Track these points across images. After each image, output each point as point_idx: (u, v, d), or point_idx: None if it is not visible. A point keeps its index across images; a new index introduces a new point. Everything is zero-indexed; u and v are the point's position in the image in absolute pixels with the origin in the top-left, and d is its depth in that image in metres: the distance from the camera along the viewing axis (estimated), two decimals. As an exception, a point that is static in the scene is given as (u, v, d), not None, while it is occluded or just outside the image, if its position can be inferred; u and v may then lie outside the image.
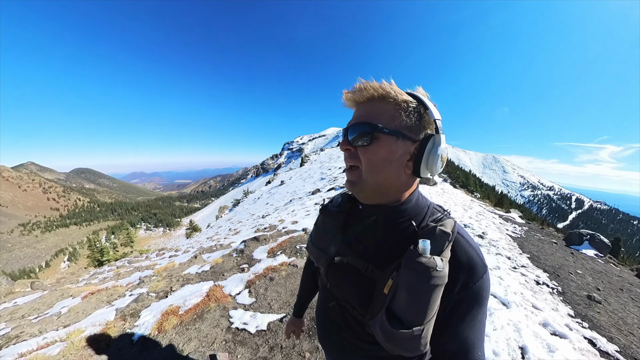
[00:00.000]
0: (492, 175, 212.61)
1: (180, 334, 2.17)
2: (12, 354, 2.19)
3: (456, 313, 0.49)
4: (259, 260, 3.77)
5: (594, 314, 2.66)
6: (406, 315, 0.46)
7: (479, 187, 21.23)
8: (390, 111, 0.49)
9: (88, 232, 75.69)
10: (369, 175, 0.52)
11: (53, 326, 2.81)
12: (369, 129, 0.49)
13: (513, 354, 1.92)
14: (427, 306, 0.44)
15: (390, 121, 0.49)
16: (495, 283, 3.04)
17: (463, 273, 0.48)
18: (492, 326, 2.24)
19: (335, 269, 0.63)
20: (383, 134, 0.49)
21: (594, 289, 3.33)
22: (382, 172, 0.51)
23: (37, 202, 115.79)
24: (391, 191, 0.54)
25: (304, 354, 1.88)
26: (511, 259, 3.98)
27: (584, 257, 4.98)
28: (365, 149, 0.51)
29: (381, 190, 0.54)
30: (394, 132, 0.49)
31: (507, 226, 6.57)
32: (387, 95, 0.49)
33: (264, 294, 2.73)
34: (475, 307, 0.49)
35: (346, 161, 0.56)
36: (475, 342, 0.49)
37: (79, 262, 52.72)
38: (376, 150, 0.50)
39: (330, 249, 0.65)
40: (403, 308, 0.46)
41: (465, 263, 0.49)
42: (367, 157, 0.51)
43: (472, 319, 0.49)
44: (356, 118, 0.53)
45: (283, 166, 73.60)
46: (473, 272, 0.49)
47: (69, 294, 4.08)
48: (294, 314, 1.05)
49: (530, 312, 2.51)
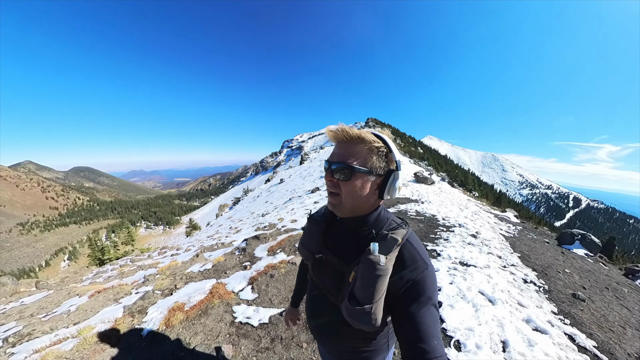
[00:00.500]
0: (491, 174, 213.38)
1: (187, 328, 2.29)
2: (26, 351, 2.29)
3: (406, 303, 0.63)
4: (260, 258, 3.89)
5: (577, 311, 2.75)
6: (361, 296, 0.64)
7: (478, 186, 21.39)
8: (365, 154, 0.67)
9: (88, 231, 75.73)
10: (347, 201, 0.70)
11: (63, 324, 2.90)
12: (349, 168, 0.66)
13: (495, 347, 2.04)
14: (374, 290, 0.62)
15: (364, 162, 0.66)
16: (484, 281, 3.14)
17: (407, 269, 0.66)
18: (477, 321, 2.35)
19: (318, 264, 0.83)
20: (360, 172, 0.66)
21: (579, 288, 3.41)
22: (357, 199, 0.69)
23: (36, 201, 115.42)
24: (362, 210, 0.73)
25: (301, 344, 2.03)
26: (502, 258, 4.07)
27: (574, 256, 5.05)
28: (345, 182, 0.68)
29: (354, 210, 0.73)
30: (367, 172, 0.66)
31: (502, 225, 6.66)
32: (363, 141, 0.67)
33: (266, 290, 2.86)
34: (421, 298, 0.63)
35: (328, 188, 0.73)
36: (428, 330, 0.61)
37: (79, 261, 52.84)
38: (353, 184, 0.67)
39: (314, 249, 0.85)
40: (359, 292, 0.64)
41: (409, 261, 0.66)
42: (347, 188, 0.68)
43: (420, 307, 0.62)
44: (338, 156, 0.69)
45: (282, 164, 73.47)
46: (415, 269, 0.65)
47: (75, 293, 4.17)
48: (291, 304, 1.23)
49: (515, 309, 2.61)
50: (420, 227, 5.32)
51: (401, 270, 0.65)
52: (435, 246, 4.29)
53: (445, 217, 6.19)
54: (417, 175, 12.56)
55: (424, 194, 9.54)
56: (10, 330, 2.94)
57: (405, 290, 0.64)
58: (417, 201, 8.10)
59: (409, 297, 0.63)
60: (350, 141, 0.68)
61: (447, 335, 2.17)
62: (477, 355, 1.94)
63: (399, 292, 0.65)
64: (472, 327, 2.26)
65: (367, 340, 0.81)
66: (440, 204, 8.13)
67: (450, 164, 30.48)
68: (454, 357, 1.94)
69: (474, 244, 4.56)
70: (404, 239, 0.68)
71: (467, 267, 3.56)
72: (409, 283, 0.64)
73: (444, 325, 2.29)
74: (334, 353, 0.93)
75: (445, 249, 4.18)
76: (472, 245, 4.48)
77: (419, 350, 0.59)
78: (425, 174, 12.78)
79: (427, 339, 0.60)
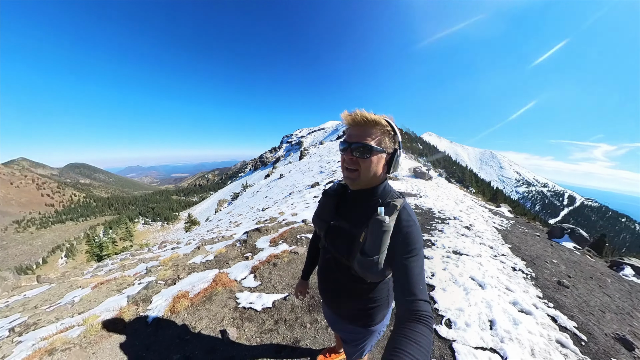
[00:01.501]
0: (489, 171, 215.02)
1: (192, 314, 2.37)
2: (33, 338, 2.36)
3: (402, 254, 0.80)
4: (262, 249, 3.97)
5: (561, 296, 2.91)
6: (370, 250, 0.83)
7: (475, 183, 21.63)
8: (379, 135, 0.83)
9: (85, 228, 75.27)
10: (365, 175, 0.86)
11: (68, 314, 2.96)
12: (368, 147, 0.81)
13: (482, 325, 2.19)
14: (381, 243, 0.81)
15: (379, 142, 0.83)
16: (475, 268, 3.30)
17: (403, 228, 0.83)
18: (467, 303, 2.49)
19: (331, 230, 1.01)
20: (376, 151, 0.81)
21: (565, 276, 3.57)
22: (372, 174, 0.86)
23: (31, 198, 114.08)
24: (373, 183, 0.90)
25: (305, 325, 2.13)
26: (493, 248, 4.22)
27: (562, 248, 5.21)
28: (363, 160, 0.83)
29: (368, 183, 0.90)
30: (382, 151, 0.83)
31: (495, 219, 6.82)
32: (378, 124, 0.82)
33: (269, 278, 2.96)
34: (413, 249, 0.80)
35: (347, 165, 0.87)
36: (417, 276, 0.76)
37: (77, 258, 52.61)
38: (370, 160, 0.83)
39: (328, 218, 1.02)
40: (369, 247, 0.83)
41: (404, 222, 0.84)
42: (365, 165, 0.84)
43: (411, 257, 0.79)
44: (357, 137, 0.83)
45: (282, 159, 73.17)
46: (408, 227, 0.83)
47: (78, 285, 4.22)
48: (301, 277, 1.39)
49: (503, 293, 2.76)
50: (417, 219, 5.50)
51: (399, 229, 0.82)
52: (430, 236, 4.42)
53: (441, 211, 6.33)
54: (415, 171, 12.72)
55: (422, 188, 9.69)
56: (15, 321, 2.99)
57: (401, 244, 0.81)
58: (415, 195, 8.26)
59: (403, 249, 0.80)
60: (367, 124, 0.83)
61: (439, 315, 2.30)
62: (465, 332, 2.08)
63: (396, 246, 0.81)
64: (462, 308, 2.40)
65: (372, 298, 1.00)
66: (437, 198, 8.29)
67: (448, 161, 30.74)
68: (445, 333, 2.06)
69: (467, 235, 4.70)
70: (401, 205, 0.85)
71: (459, 255, 3.69)
72: (403, 238, 0.81)
73: (436, 306, 2.42)
74: (342, 313, 1.10)
75: (440, 239, 4.31)
76: (466, 237, 4.62)
77: (408, 292, 0.74)
78: (423, 170, 12.94)
79: (415, 283, 0.75)
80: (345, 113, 0.85)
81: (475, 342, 1.97)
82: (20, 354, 2.08)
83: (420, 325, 0.66)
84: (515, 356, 1.84)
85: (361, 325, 1.06)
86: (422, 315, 0.69)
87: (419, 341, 0.62)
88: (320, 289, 1.15)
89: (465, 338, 2.01)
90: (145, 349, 2.02)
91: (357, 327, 1.08)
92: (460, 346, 1.93)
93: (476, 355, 1.84)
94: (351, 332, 1.12)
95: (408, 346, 0.61)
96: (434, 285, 2.81)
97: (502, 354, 1.87)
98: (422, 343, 0.62)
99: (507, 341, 2.01)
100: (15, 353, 2.12)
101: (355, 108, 0.85)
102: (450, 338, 2.01)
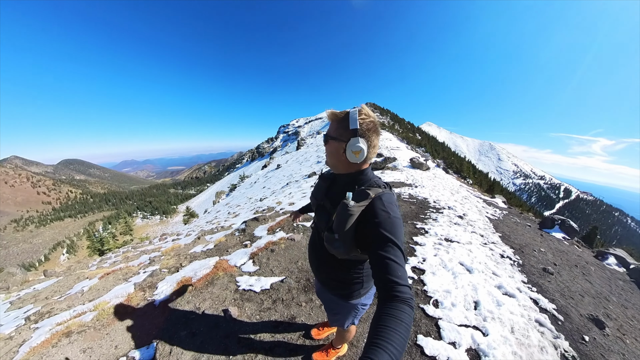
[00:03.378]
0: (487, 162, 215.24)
1: (196, 296, 2.54)
2: (49, 324, 2.51)
3: (373, 237, 0.85)
4: (260, 237, 4.12)
5: (545, 282, 3.05)
6: (334, 227, 0.96)
7: (472, 174, 21.74)
8: (335, 126, 1.00)
9: (84, 224, 75.27)
10: (328, 159, 1.07)
11: (79, 301, 3.12)
12: (326, 136, 1.02)
13: (468, 305, 2.35)
14: (343, 224, 0.91)
15: (334, 131, 0.99)
16: (465, 254, 3.44)
17: (373, 218, 0.87)
18: (455, 286, 2.65)
19: (318, 209, 1.17)
20: (331, 138, 1.00)
21: (551, 264, 3.70)
22: (333, 158, 1.04)
23: (27, 197, 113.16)
24: (341, 168, 1.05)
25: (300, 303, 2.31)
26: (484, 237, 4.36)
27: (552, 238, 5.33)
28: (325, 146, 1.05)
29: (336, 167, 1.07)
30: (334, 138, 0.99)
31: (488, 209, 6.93)
32: (335, 117, 0.99)
33: (267, 263, 3.12)
34: (382, 234, 0.83)
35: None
36: (393, 264, 0.77)
37: (78, 254, 52.90)
38: (328, 147, 1.03)
39: (319, 198, 1.18)
40: (334, 225, 0.96)
41: (375, 211, 0.88)
42: (326, 150, 1.06)
43: (382, 242, 0.82)
44: (326, 130, 1.05)
45: (279, 150, 72.65)
46: (378, 217, 0.86)
47: (85, 277, 4.35)
48: (297, 210, 1.69)
49: (489, 277, 2.90)
50: (412, 208, 5.59)
51: (369, 218, 0.88)
52: (424, 225, 4.57)
53: (436, 200, 6.46)
54: (412, 161, 12.82)
55: (418, 178, 9.79)
56: (30, 310, 3.14)
57: (373, 233, 0.85)
58: (411, 185, 8.37)
59: (377, 239, 0.83)
60: (332, 119, 1.01)
61: (428, 296, 2.46)
62: (451, 311, 2.24)
63: (370, 234, 0.86)
64: (449, 290, 2.55)
65: (347, 272, 1.14)
66: (433, 188, 8.39)
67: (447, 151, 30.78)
68: (432, 312, 2.23)
69: (460, 224, 4.84)
70: (377, 195, 0.90)
71: (451, 242, 3.83)
72: (375, 227, 0.85)
73: (425, 288, 2.58)
74: (324, 281, 1.26)
75: (433, 227, 4.46)
76: (458, 225, 4.76)
77: (387, 280, 0.75)
78: (421, 160, 13.03)
79: (393, 271, 0.76)
80: (326, 111, 1.02)
81: (460, 321, 2.13)
82: (40, 337, 2.24)
83: (401, 304, 0.69)
84: (496, 333, 2.00)
85: (339, 296, 1.21)
86: (404, 297, 0.72)
87: (401, 317, 0.66)
88: (309, 258, 1.36)
89: (450, 317, 2.16)
90: (154, 328, 2.19)
91: (336, 298, 1.23)
92: (446, 324, 2.08)
93: (459, 331, 1.99)
94: (331, 302, 1.29)
95: (390, 321, 0.65)
96: (424, 270, 2.94)
97: (483, 331, 2.03)
98: (403, 319, 0.66)
99: (489, 320, 2.16)
100: (34, 337, 2.28)
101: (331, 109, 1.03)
102: (437, 316, 2.16)
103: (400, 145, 20.41)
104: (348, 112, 0.95)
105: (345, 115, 0.96)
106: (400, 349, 0.61)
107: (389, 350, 0.60)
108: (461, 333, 1.99)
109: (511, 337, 2.00)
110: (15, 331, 2.49)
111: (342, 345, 1.73)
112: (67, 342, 2.10)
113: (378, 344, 0.61)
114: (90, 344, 2.08)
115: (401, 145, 21.38)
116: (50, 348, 2.05)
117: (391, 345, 0.61)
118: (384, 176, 9.92)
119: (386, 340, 0.62)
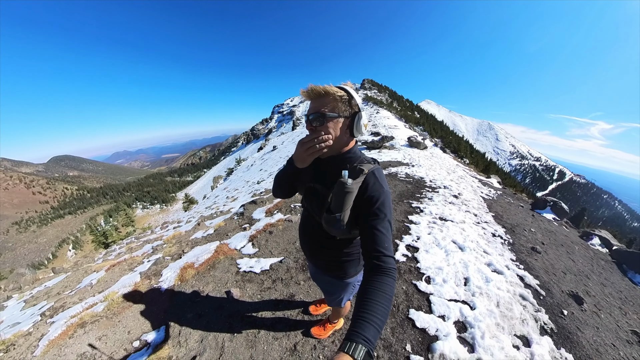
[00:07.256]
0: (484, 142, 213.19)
1: (199, 280, 2.66)
2: (64, 317, 2.62)
3: (366, 216, 0.88)
4: (258, 220, 4.21)
5: (532, 260, 3.18)
6: (334, 208, 0.93)
7: (470, 153, 21.60)
8: (331, 102, 0.90)
9: (85, 219, 75.50)
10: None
11: (90, 294, 3.24)
12: (322, 115, 0.89)
13: (458, 282, 2.47)
14: (343, 203, 0.90)
15: (332, 108, 0.90)
16: (458, 233, 3.54)
17: (368, 192, 0.90)
18: (446, 263, 2.76)
19: (308, 192, 1.12)
20: (330, 117, 0.89)
21: (539, 243, 3.80)
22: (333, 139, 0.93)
23: (23, 198, 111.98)
24: (338, 148, 0.98)
25: (299, 282, 2.44)
26: (477, 216, 4.45)
27: (543, 219, 5.40)
28: (321, 127, 0.91)
29: (332, 149, 0.97)
30: (335, 116, 0.90)
31: (483, 189, 6.99)
32: (328, 93, 0.89)
33: (265, 245, 3.23)
34: (373, 208, 0.87)
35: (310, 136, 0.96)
36: (381, 236, 0.83)
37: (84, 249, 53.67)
38: (327, 127, 0.91)
39: (307, 181, 1.11)
40: (333, 205, 0.93)
41: (370, 185, 0.91)
42: (320, 131, 0.91)
43: (373, 215, 0.86)
44: (313, 109, 0.92)
45: (274, 131, 71.18)
46: (373, 191, 0.89)
47: (92, 270, 4.47)
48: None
49: (480, 255, 3.01)
50: (408, 187, 5.64)
51: (364, 193, 0.90)
52: (419, 204, 4.63)
53: (432, 180, 6.49)
54: (410, 140, 12.64)
55: (415, 158, 9.76)
56: (44, 307, 3.27)
57: (365, 207, 0.89)
58: (407, 164, 8.34)
59: (368, 212, 0.88)
60: (319, 95, 0.90)
61: (420, 273, 2.58)
62: (442, 287, 2.36)
63: (362, 208, 0.90)
64: (441, 267, 2.67)
65: (343, 252, 1.14)
66: (430, 167, 8.38)
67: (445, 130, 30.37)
68: (424, 288, 2.35)
69: (455, 203, 4.90)
70: (370, 170, 0.92)
71: (445, 221, 3.92)
72: (368, 201, 0.89)
73: (419, 265, 2.69)
74: (319, 265, 1.25)
75: (428, 206, 4.53)
76: (453, 204, 4.82)
77: (373, 249, 0.82)
78: (419, 139, 12.81)
79: (380, 242, 0.82)
80: (302, 90, 0.92)
81: (450, 296, 2.25)
82: (56, 330, 2.37)
83: (384, 277, 0.76)
84: (482, 307, 2.14)
85: (335, 277, 1.23)
86: (387, 268, 0.77)
87: (384, 289, 0.73)
88: (301, 243, 1.32)
89: (441, 292, 2.28)
90: (162, 312, 2.32)
91: (332, 279, 1.25)
92: (437, 298, 2.20)
93: (449, 306, 2.12)
94: (328, 283, 1.31)
95: (374, 294, 0.72)
96: (418, 247, 3.05)
97: (471, 305, 2.16)
98: (386, 290, 0.73)
99: (477, 295, 2.28)
100: (51, 331, 2.40)
101: (309, 83, 0.91)
102: (428, 292, 2.28)
103: (398, 124, 20.14)
104: (343, 87, 0.92)
105: (342, 90, 0.91)
106: (383, 319, 0.69)
107: (374, 323, 0.67)
108: (450, 307, 2.11)
109: (496, 310, 2.13)
110: (33, 327, 2.61)
111: (338, 320, 1.85)
112: (82, 333, 2.23)
113: (364, 317, 0.68)
114: (104, 332, 2.21)
115: (399, 123, 21.10)
116: (67, 339, 2.18)
117: (376, 317, 0.68)
118: (380, 155, 9.87)
119: (371, 312, 0.69)
